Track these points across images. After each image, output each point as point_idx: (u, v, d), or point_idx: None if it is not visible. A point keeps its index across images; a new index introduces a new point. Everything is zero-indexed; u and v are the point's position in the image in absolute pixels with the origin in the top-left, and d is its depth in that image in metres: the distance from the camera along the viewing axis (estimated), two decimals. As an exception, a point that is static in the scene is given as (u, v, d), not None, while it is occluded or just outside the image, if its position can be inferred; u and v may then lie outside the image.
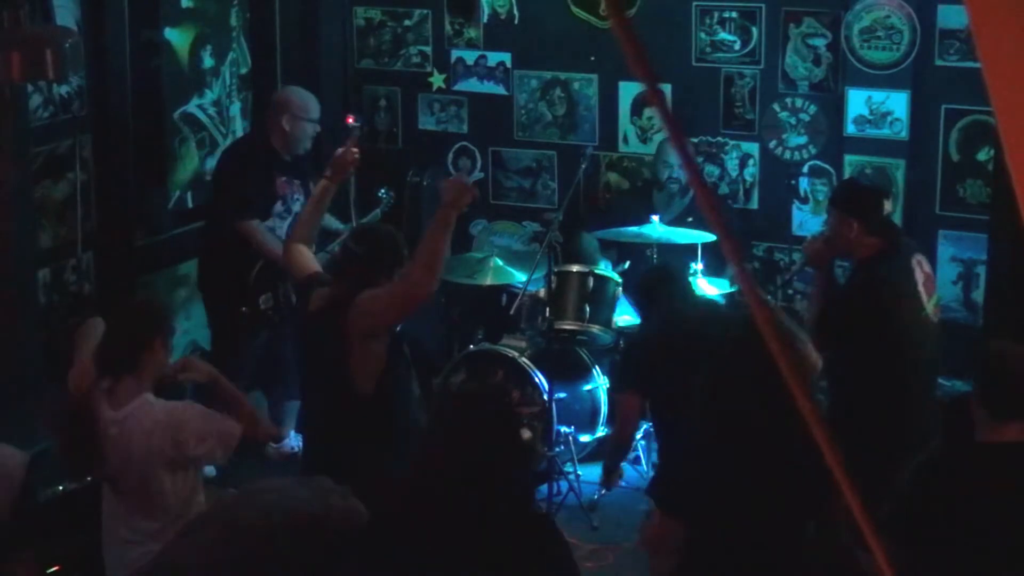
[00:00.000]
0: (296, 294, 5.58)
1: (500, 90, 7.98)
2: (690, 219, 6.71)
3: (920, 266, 5.38)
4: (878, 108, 7.08)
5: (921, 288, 5.33)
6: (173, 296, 7.23)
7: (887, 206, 5.43)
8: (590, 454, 6.65)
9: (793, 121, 7.32)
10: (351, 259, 4.84)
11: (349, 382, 4.70)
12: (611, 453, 5.89)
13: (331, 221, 6.91)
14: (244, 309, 6.53)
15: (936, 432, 5.12)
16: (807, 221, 7.31)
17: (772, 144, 7.38)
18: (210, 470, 6.64)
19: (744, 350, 3.68)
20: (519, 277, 6.87)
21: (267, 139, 6.68)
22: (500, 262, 7.09)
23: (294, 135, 6.64)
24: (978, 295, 6.88)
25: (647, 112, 7.58)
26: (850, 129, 7.17)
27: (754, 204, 7.47)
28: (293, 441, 6.92)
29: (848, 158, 7.20)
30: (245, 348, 6.72)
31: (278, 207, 6.65)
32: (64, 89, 6.44)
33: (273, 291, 6.58)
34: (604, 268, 6.77)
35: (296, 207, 6.65)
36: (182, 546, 3.73)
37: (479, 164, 8.13)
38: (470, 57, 8.01)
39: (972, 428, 3.96)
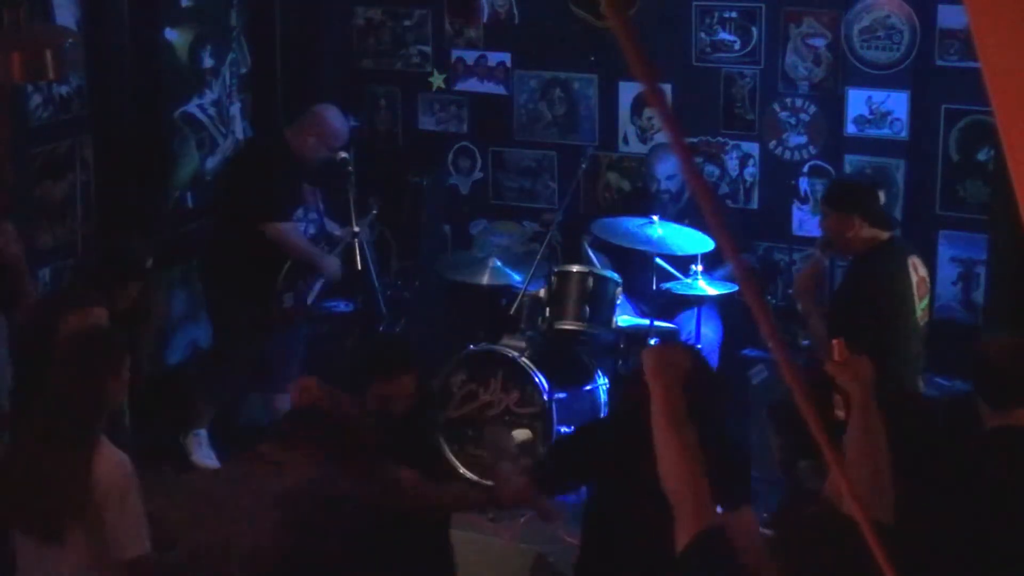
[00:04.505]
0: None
1: (500, 90, 7.97)
2: (686, 220, 6.70)
3: (915, 269, 5.44)
4: (878, 108, 7.08)
5: (915, 291, 5.38)
6: (172, 296, 7.23)
7: (882, 197, 5.51)
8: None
9: (793, 121, 7.31)
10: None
11: None
12: None
13: (332, 227, 6.95)
14: (275, 310, 6.58)
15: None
16: (807, 221, 7.31)
17: (772, 144, 7.38)
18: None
19: None
20: (519, 277, 6.88)
21: (290, 144, 6.68)
22: (500, 262, 7.09)
23: (313, 155, 6.69)
24: (978, 295, 6.87)
25: (647, 112, 7.58)
26: (850, 129, 7.17)
27: (754, 204, 7.47)
28: None
29: (848, 158, 7.20)
30: (251, 348, 6.73)
31: (299, 212, 6.70)
32: (64, 89, 6.45)
33: (295, 290, 6.62)
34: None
35: (312, 213, 6.79)
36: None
37: (479, 164, 8.13)
38: (470, 57, 8.01)
39: (973, 425, 4.01)
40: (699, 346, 6.58)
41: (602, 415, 6.69)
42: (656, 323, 6.57)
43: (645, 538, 3.84)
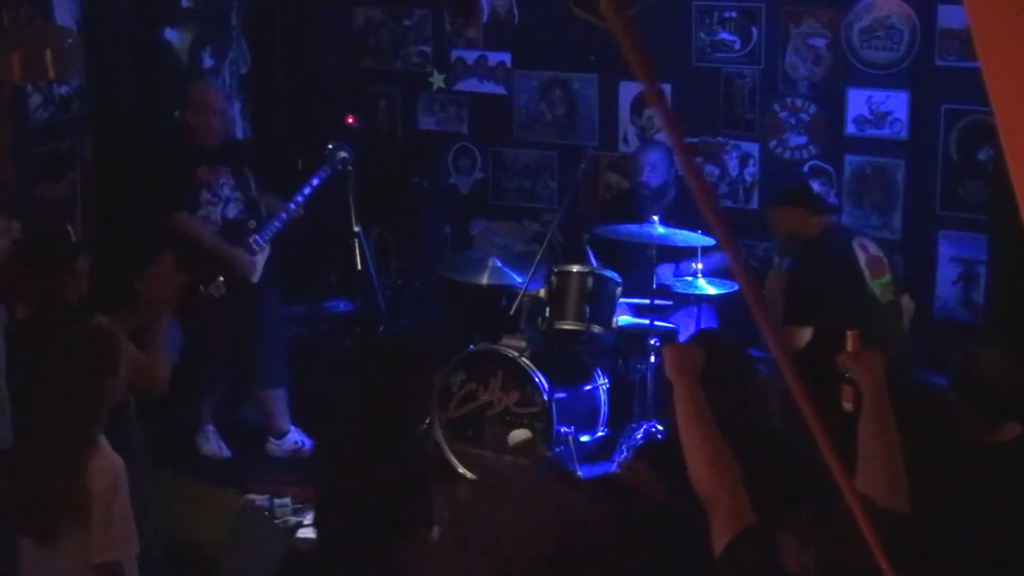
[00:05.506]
0: None
1: (500, 90, 7.97)
2: (672, 220, 6.70)
3: (863, 248, 5.75)
4: (878, 108, 7.08)
5: (864, 267, 5.67)
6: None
7: (814, 187, 6.08)
8: (590, 454, 6.64)
9: (793, 121, 7.31)
10: None
11: None
12: None
13: (273, 202, 6.91)
14: (203, 301, 6.59)
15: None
16: (807, 221, 7.31)
17: (772, 144, 7.38)
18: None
19: None
20: (519, 277, 6.88)
21: (181, 133, 6.78)
22: (500, 262, 7.09)
23: (199, 127, 6.68)
24: (978, 295, 6.87)
25: (647, 112, 7.58)
26: (850, 129, 7.17)
27: (754, 204, 7.47)
28: (296, 435, 6.92)
29: (848, 158, 7.21)
30: (207, 339, 6.75)
31: (205, 195, 6.67)
32: (64, 89, 6.45)
33: (224, 276, 6.60)
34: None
35: (225, 192, 6.72)
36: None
37: (479, 164, 8.13)
38: (470, 57, 8.01)
39: (954, 426, 4.00)
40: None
41: (602, 417, 6.70)
42: (656, 323, 6.58)
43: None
